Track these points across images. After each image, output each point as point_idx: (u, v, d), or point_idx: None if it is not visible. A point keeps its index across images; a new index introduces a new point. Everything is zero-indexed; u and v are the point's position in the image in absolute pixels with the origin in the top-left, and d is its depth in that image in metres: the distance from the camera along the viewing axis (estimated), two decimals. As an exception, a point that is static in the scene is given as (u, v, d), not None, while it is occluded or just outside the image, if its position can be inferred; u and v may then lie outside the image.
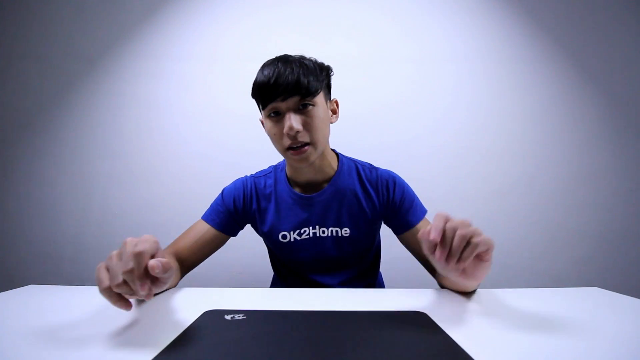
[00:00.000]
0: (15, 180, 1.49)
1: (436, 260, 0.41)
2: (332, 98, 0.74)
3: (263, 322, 0.41)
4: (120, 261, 0.36)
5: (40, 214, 1.48)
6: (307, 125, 0.63)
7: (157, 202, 1.46)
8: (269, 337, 0.37)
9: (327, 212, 0.74)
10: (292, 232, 0.75)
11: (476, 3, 1.47)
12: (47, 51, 1.49)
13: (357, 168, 0.78)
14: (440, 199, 1.41)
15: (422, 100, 1.46)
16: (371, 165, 0.81)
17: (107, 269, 0.37)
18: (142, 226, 1.45)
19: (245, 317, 0.41)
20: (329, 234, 0.75)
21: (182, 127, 1.47)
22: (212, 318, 0.42)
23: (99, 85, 1.49)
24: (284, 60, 0.64)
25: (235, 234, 0.78)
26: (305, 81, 0.61)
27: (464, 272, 0.43)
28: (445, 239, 0.40)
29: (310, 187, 0.75)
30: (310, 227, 0.75)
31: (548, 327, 0.40)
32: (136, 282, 0.35)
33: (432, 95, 1.46)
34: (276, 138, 0.66)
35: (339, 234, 0.75)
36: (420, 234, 0.41)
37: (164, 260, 0.36)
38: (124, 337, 0.38)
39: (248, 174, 0.82)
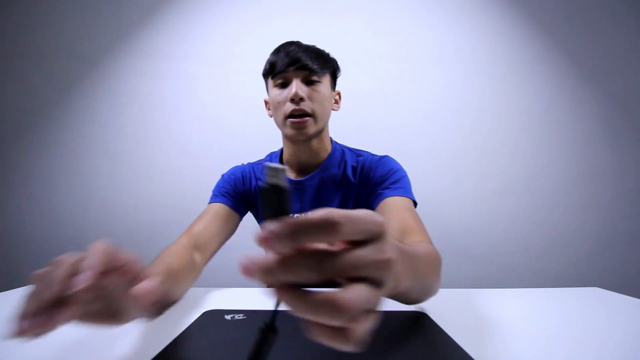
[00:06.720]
0: (16, 180, 1.49)
1: None
2: (336, 89, 0.77)
3: (263, 322, 0.41)
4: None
5: (40, 214, 1.48)
6: (311, 97, 0.67)
7: (157, 202, 1.46)
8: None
9: (318, 201, 0.73)
10: None
11: (477, 3, 1.47)
12: (47, 51, 1.49)
13: (344, 152, 0.77)
14: (438, 198, 1.41)
15: (422, 100, 1.46)
16: (362, 150, 0.79)
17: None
18: (142, 226, 1.45)
19: (245, 317, 0.41)
20: None
21: (182, 127, 1.47)
22: (212, 318, 0.41)
23: (99, 85, 1.49)
24: (296, 42, 0.71)
25: (243, 214, 0.77)
26: (314, 56, 0.67)
27: None
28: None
29: (302, 171, 0.75)
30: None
31: (548, 327, 0.40)
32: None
33: (431, 95, 1.46)
34: (279, 106, 0.68)
35: None
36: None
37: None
38: (124, 337, 0.38)
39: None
